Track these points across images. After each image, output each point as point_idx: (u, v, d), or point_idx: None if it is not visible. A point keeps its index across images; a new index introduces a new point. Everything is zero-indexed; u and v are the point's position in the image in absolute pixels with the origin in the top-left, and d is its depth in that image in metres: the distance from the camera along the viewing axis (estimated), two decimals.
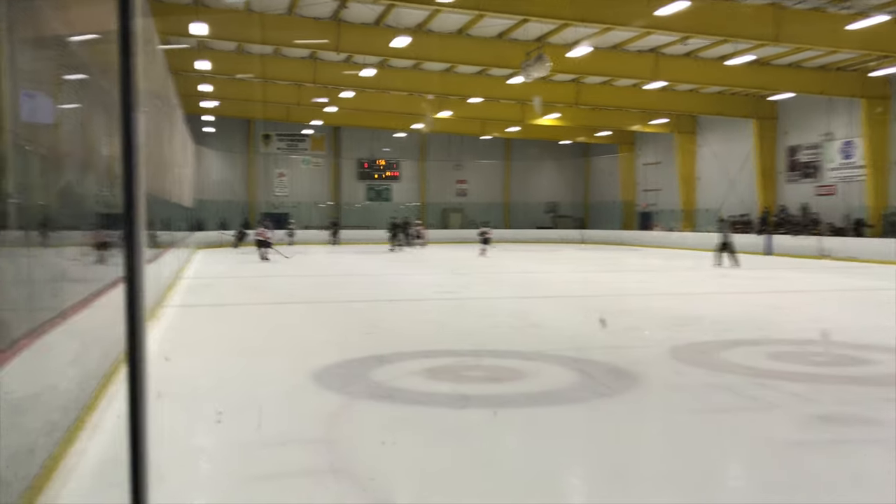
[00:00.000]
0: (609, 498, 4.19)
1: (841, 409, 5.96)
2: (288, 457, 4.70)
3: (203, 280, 18.04)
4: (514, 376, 7.03)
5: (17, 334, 3.78)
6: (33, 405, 3.98)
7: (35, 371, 4.00)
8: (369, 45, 22.38)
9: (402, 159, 43.64)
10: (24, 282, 4.17)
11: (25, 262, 4.25)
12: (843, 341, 8.99)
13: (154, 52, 12.89)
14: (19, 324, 3.92)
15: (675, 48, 23.92)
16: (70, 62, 5.45)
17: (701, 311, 12.08)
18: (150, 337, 9.09)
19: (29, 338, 3.92)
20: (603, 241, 40.61)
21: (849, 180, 28.26)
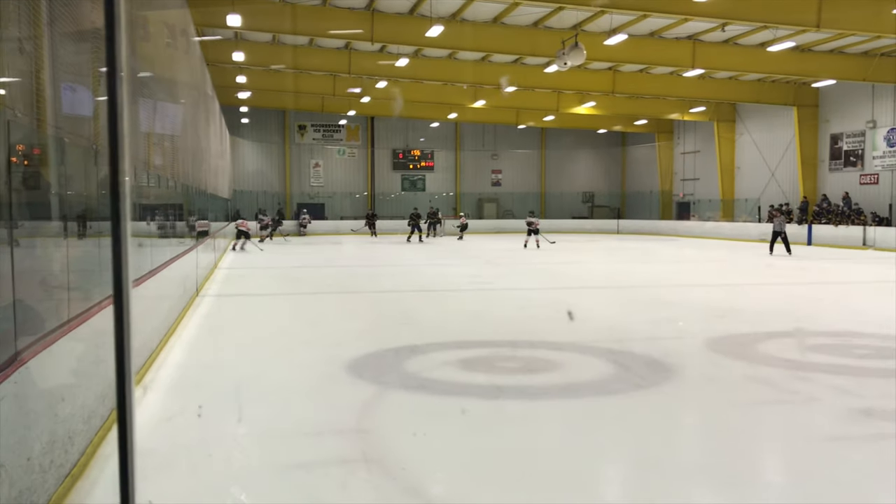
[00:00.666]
0: (645, 491, 4.14)
1: (883, 403, 5.83)
2: (321, 446, 4.72)
3: (239, 270, 18.23)
4: (549, 367, 7.00)
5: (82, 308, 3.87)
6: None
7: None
8: (403, 35, 22.36)
9: (436, 149, 43.62)
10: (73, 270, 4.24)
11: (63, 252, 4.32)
12: (886, 333, 8.81)
13: (190, 43, 13.01)
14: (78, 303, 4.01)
15: (714, 35, 23.52)
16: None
17: (739, 303, 11.91)
18: (189, 326, 9.23)
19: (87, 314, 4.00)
20: (638, 230, 40.24)
21: (893, 169, 27.62)
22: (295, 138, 41.10)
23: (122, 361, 1.76)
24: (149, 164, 7.61)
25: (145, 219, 7.48)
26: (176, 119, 10.19)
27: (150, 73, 7.70)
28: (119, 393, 1.76)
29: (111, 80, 1.74)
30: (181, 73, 11.00)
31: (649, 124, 40.26)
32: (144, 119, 7.24)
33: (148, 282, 6.87)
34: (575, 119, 38.19)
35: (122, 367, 1.76)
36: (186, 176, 11.35)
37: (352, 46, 26.28)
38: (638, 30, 22.84)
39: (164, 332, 7.88)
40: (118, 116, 1.72)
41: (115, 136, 1.74)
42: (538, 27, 22.87)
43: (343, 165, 42.14)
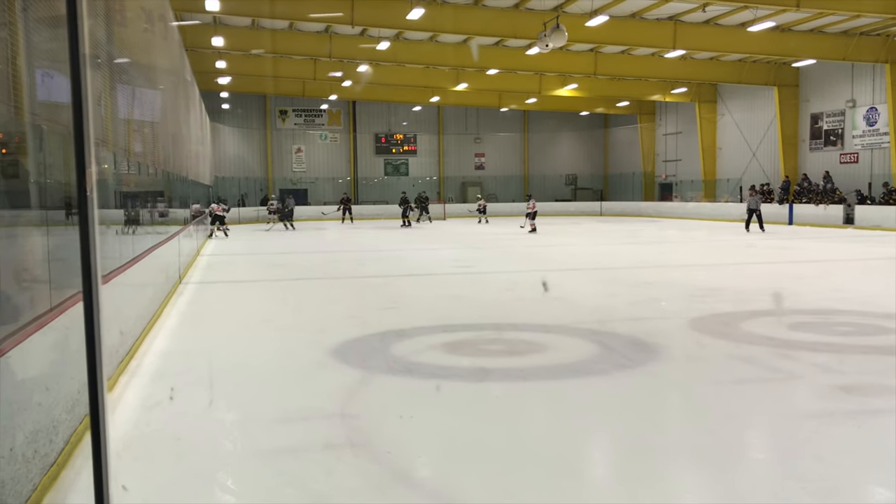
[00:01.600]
0: (629, 470, 4.18)
1: (864, 379, 5.90)
2: (307, 431, 4.73)
3: (222, 256, 18.15)
4: (534, 349, 7.03)
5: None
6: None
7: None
8: (384, 18, 22.21)
9: (419, 133, 43.47)
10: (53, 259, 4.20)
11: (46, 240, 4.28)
12: (867, 311, 8.91)
13: (168, 28, 12.86)
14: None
15: (695, 16, 23.54)
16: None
17: (721, 282, 11.99)
18: (172, 314, 9.19)
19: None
20: (621, 212, 40.38)
21: (872, 147, 27.84)
22: (276, 123, 40.83)
23: (94, 351, 1.75)
24: (129, 151, 7.54)
25: (125, 206, 7.41)
26: (155, 105, 10.09)
27: (128, 58, 7.61)
28: (91, 381, 1.75)
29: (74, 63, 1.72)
30: (160, 59, 10.88)
31: (631, 106, 40.31)
32: (123, 106, 7.16)
33: (129, 270, 6.82)
34: (557, 101, 38.18)
35: (94, 359, 1.75)
36: (167, 163, 11.26)
37: (332, 30, 26.09)
38: (619, 11, 22.83)
39: (147, 319, 7.84)
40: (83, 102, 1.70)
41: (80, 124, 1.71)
42: (519, 9, 22.79)
43: (325, 150, 41.92)
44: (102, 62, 5.99)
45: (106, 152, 6.14)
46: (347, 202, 34.64)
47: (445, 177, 43.81)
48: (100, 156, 5.87)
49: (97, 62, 5.74)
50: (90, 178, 1.72)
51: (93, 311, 1.71)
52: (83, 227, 1.76)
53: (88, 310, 1.72)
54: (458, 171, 44.18)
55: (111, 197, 6.42)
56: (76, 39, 1.69)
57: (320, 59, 29.02)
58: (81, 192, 1.74)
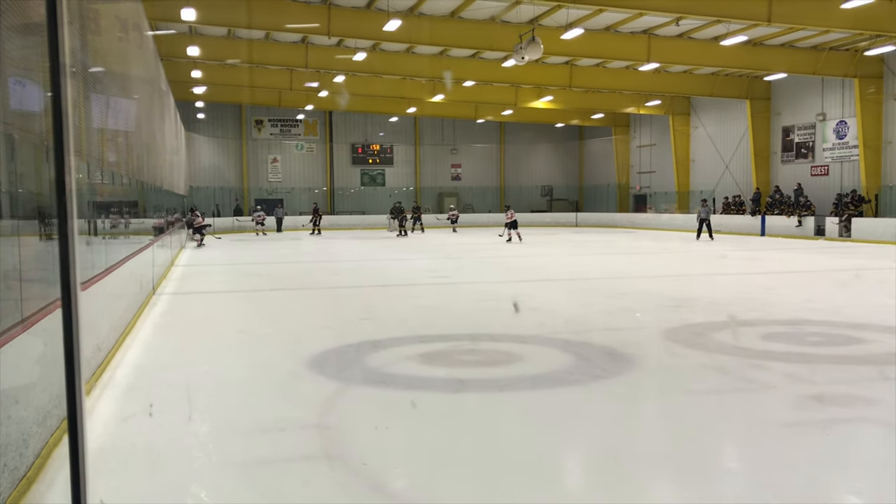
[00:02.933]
0: (605, 479, 4.20)
1: (835, 388, 5.98)
2: (283, 443, 4.70)
3: (196, 267, 18.01)
4: (509, 360, 7.04)
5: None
6: None
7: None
8: (361, 29, 22.25)
9: (396, 144, 43.49)
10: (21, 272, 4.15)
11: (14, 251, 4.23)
12: (837, 321, 9.03)
13: (144, 37, 12.79)
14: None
15: (668, 29, 23.82)
16: None
17: (694, 293, 12.10)
18: (145, 325, 9.10)
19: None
20: (596, 223, 40.63)
21: (842, 160, 28.29)
22: (252, 133, 40.66)
23: (72, 359, 1.74)
24: (102, 160, 7.48)
25: (99, 216, 7.34)
26: (130, 114, 10.02)
27: (102, 67, 7.55)
28: (69, 392, 1.74)
29: (55, 73, 1.71)
30: (134, 68, 10.81)
31: (606, 118, 40.65)
32: (97, 115, 7.11)
33: (103, 280, 6.75)
34: (533, 113, 38.41)
35: (72, 366, 1.74)
36: (141, 172, 11.17)
37: (308, 40, 26.08)
38: (594, 24, 23.05)
39: (120, 330, 7.76)
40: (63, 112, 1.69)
41: (59, 132, 1.71)
42: (495, 21, 22.93)
43: (301, 160, 41.80)
44: (76, 71, 5.94)
45: (79, 162, 6.08)
46: (317, 212, 34.42)
47: (422, 187, 43.85)
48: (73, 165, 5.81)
49: (71, 71, 5.69)
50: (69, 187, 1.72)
51: (71, 321, 1.71)
52: (62, 236, 1.76)
53: (67, 319, 1.71)
54: (435, 181, 44.24)
55: (84, 206, 6.36)
56: (56, 49, 1.69)
57: (297, 69, 28.97)
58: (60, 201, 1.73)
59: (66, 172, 1.70)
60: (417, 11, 21.88)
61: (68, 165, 1.71)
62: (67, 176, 1.71)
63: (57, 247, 4.87)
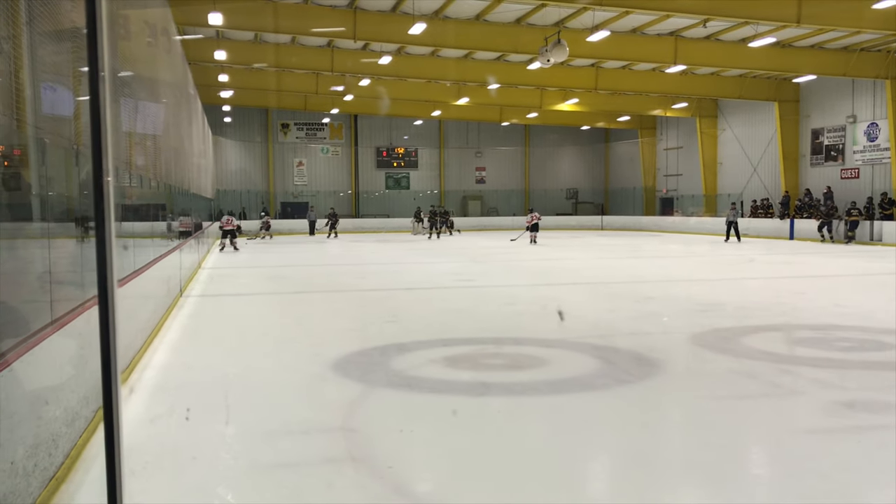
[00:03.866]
0: (630, 485, 4.16)
1: (866, 395, 5.89)
2: (308, 445, 4.71)
3: (223, 270, 18.15)
4: (534, 364, 7.01)
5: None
6: None
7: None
8: (386, 33, 22.31)
9: (420, 147, 43.56)
10: None
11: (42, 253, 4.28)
12: (868, 326, 8.89)
13: (172, 42, 12.92)
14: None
15: (696, 31, 23.62)
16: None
17: (722, 297, 11.98)
18: (173, 327, 9.19)
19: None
20: (622, 227, 40.39)
21: (873, 163, 27.88)
22: (278, 137, 40.94)
23: (109, 362, 1.75)
24: (131, 164, 7.56)
25: (127, 219, 7.42)
26: (158, 118, 10.12)
27: (131, 72, 7.64)
28: (105, 394, 1.75)
29: (93, 80, 1.73)
30: (163, 73, 10.93)
31: (632, 121, 40.40)
32: (126, 119, 7.19)
33: (132, 282, 6.83)
34: (558, 116, 38.28)
35: (109, 368, 1.75)
36: (169, 176, 11.28)
37: (334, 44, 26.20)
38: (620, 26, 22.91)
39: (148, 332, 7.84)
40: (101, 118, 1.71)
41: (98, 136, 1.73)
42: (520, 24, 22.87)
43: (327, 164, 42.01)
44: (105, 75, 6.01)
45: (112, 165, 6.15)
46: (334, 216, 34.33)
47: (446, 191, 43.86)
48: None
49: (103, 76, 5.76)
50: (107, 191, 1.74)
51: (108, 320, 1.72)
52: (100, 238, 1.77)
53: (104, 319, 1.73)
54: (459, 184, 44.24)
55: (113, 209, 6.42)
56: (95, 61, 1.72)
57: (322, 73, 29.13)
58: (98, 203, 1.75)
59: (104, 180, 1.71)
60: (442, 14, 21.90)
61: (107, 172, 1.72)
62: (106, 183, 1.73)
63: (86, 249, 4.93)
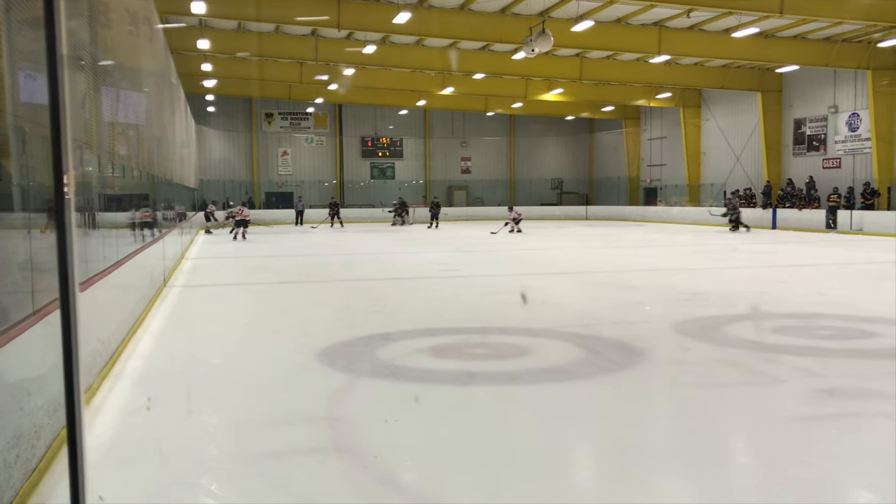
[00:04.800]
0: (614, 473, 4.19)
1: (846, 382, 5.95)
2: (293, 435, 4.71)
3: (207, 260, 18.06)
4: (519, 353, 7.03)
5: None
6: None
7: None
8: (370, 22, 22.21)
9: (405, 137, 43.47)
10: None
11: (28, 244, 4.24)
12: (849, 314, 8.98)
13: (154, 30, 12.80)
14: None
15: (679, 21, 23.68)
16: (68, 42, 5.40)
17: (705, 286, 12.05)
18: (156, 317, 9.14)
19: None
20: (606, 216, 40.53)
21: (854, 153, 28.10)
22: (262, 126, 40.73)
23: (70, 356, 1.73)
24: (113, 153, 7.50)
25: (110, 209, 7.37)
26: (140, 108, 10.04)
27: (112, 61, 7.57)
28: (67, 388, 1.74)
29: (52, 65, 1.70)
30: (145, 62, 10.83)
31: (616, 111, 40.49)
32: (108, 108, 7.12)
33: (114, 272, 6.78)
34: (543, 106, 38.32)
35: (70, 363, 1.73)
36: (152, 165, 11.20)
37: (318, 33, 26.06)
38: (604, 16, 22.93)
39: (131, 323, 7.79)
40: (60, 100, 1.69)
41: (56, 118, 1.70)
42: (505, 14, 22.85)
43: (311, 153, 41.85)
44: (86, 64, 5.95)
45: (90, 155, 6.10)
46: (335, 206, 34.35)
47: (432, 180, 43.83)
48: (84, 158, 5.83)
49: (80, 64, 5.70)
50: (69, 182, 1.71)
51: (69, 314, 1.70)
52: (60, 231, 1.75)
53: (65, 313, 1.71)
54: (445, 174, 44.20)
55: (95, 199, 6.37)
56: (53, 40, 1.68)
57: (306, 62, 28.99)
58: (59, 195, 1.73)
59: (63, 166, 1.69)
60: (427, 4, 21.84)
61: (66, 158, 1.70)
62: (66, 169, 1.70)
63: None
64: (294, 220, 35.15)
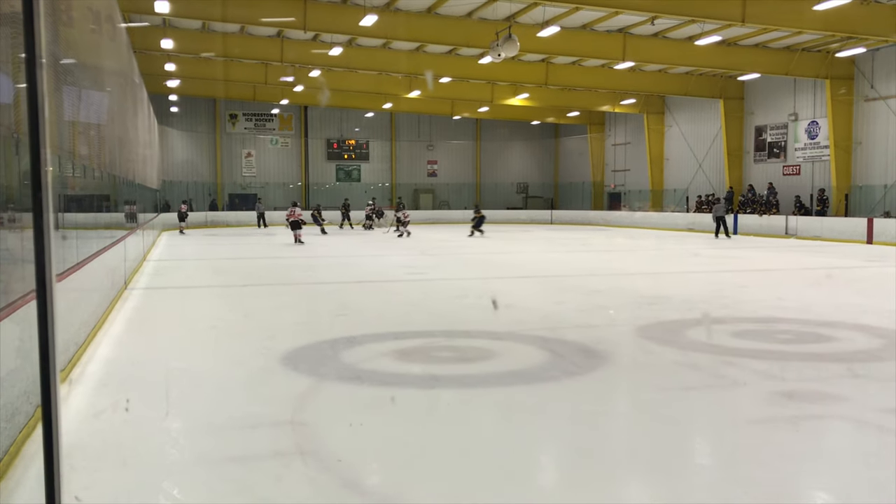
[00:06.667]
0: (577, 475, 4.23)
1: (805, 385, 6.06)
2: (256, 439, 4.67)
3: (169, 262, 17.84)
4: (484, 356, 7.06)
5: None
6: None
7: None
8: (337, 24, 22.13)
9: (371, 139, 43.37)
10: None
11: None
12: (807, 319, 9.15)
13: (116, 29, 12.62)
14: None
15: (644, 28, 23.96)
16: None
17: (668, 290, 12.20)
18: (116, 320, 9.00)
19: None
20: (571, 221, 40.82)
21: (814, 160, 28.65)
22: (226, 127, 40.35)
23: (47, 355, 1.71)
24: (74, 153, 7.38)
25: (70, 210, 7.24)
26: (102, 107, 9.89)
27: (73, 59, 7.45)
28: (43, 387, 1.71)
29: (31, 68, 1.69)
30: (107, 60, 10.67)
31: (581, 116, 40.82)
32: (69, 107, 7.01)
33: (74, 275, 6.67)
34: (509, 110, 38.49)
35: (47, 361, 1.71)
36: (113, 166, 11.03)
37: (284, 34, 25.90)
38: (570, 22, 23.11)
39: (91, 326, 7.67)
40: (39, 108, 1.67)
41: (35, 125, 1.69)
42: (472, 18, 22.93)
43: (276, 155, 41.56)
44: (47, 63, 5.84)
45: (51, 155, 5.99)
46: (346, 208, 34.31)
47: (398, 183, 43.78)
48: None
49: (40, 62, 5.60)
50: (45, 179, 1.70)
51: (47, 312, 1.68)
52: (37, 230, 1.73)
53: (42, 310, 1.68)
54: (411, 178, 44.18)
55: (55, 200, 6.26)
56: (32, 46, 1.67)
57: (272, 63, 28.79)
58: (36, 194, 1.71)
59: (41, 169, 1.67)
60: (394, 7, 21.82)
61: (44, 161, 1.68)
62: (43, 172, 1.69)
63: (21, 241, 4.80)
64: (256, 223, 34.78)
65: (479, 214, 28.38)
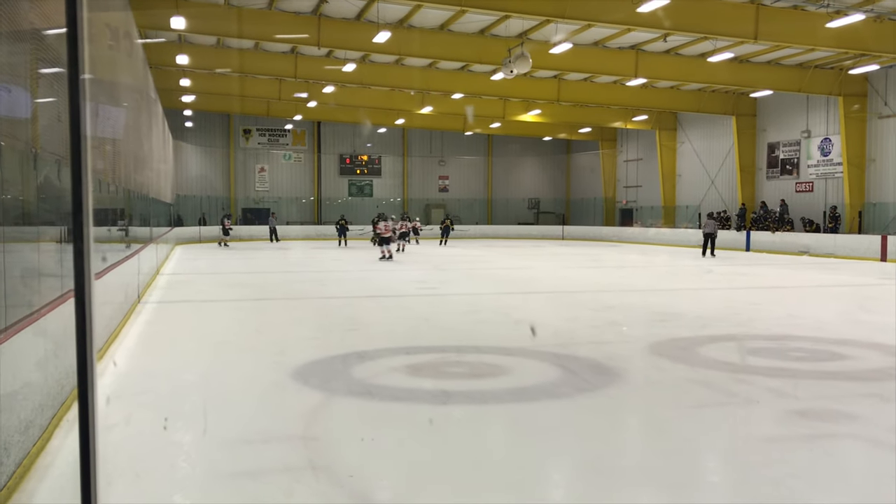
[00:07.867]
0: (588, 493, 4.21)
1: (818, 404, 6.02)
2: (268, 453, 4.68)
3: (182, 276, 17.92)
4: (495, 372, 7.04)
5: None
6: None
7: None
8: (350, 41, 22.30)
9: (384, 155, 43.53)
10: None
11: None
12: (820, 336, 9.10)
13: (133, 45, 12.77)
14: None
15: (656, 45, 24.02)
16: (46, 56, 5.39)
17: (680, 307, 12.15)
18: (130, 334, 9.05)
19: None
20: (583, 237, 40.77)
21: (826, 177, 28.55)
22: (240, 142, 40.61)
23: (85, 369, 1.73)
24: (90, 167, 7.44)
25: None
26: (118, 122, 9.98)
27: (91, 75, 7.53)
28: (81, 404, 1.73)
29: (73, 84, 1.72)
30: (123, 76, 10.79)
31: (593, 132, 40.86)
32: None
33: None
34: (521, 126, 38.58)
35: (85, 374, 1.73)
36: (128, 180, 11.12)
37: (298, 51, 26.12)
38: (583, 39, 23.19)
39: (105, 339, 7.71)
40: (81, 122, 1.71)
41: (77, 141, 1.73)
42: (485, 35, 23.04)
43: (289, 170, 41.76)
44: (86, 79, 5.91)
45: (67, 168, 6.05)
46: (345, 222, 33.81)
47: (409, 199, 43.88)
48: (61, 173, 5.80)
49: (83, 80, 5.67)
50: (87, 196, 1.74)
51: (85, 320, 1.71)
52: (77, 243, 1.77)
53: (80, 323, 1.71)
54: (423, 193, 44.29)
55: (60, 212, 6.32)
56: (76, 65, 1.71)
57: (286, 79, 28.99)
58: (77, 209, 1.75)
59: (83, 189, 1.71)
60: (407, 23, 21.96)
61: (86, 183, 1.73)
62: (85, 192, 1.73)
63: (42, 255, 4.84)
64: (269, 237, 34.97)
65: (446, 224, 28.49)
